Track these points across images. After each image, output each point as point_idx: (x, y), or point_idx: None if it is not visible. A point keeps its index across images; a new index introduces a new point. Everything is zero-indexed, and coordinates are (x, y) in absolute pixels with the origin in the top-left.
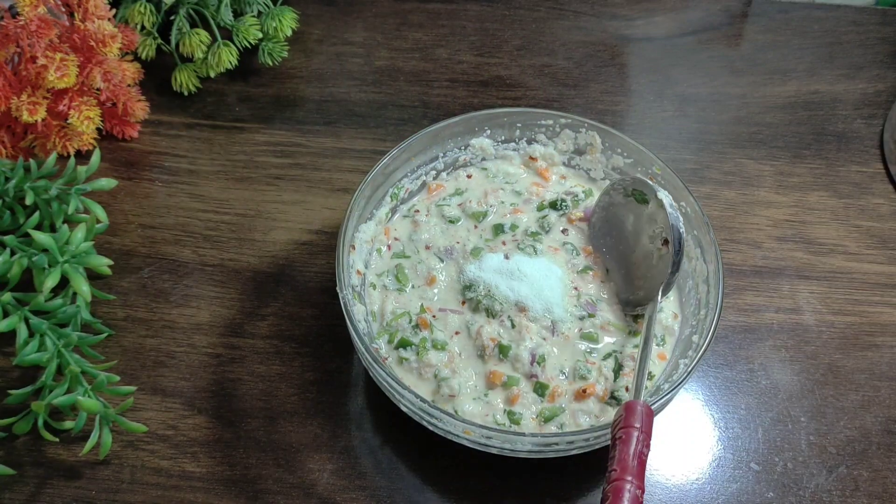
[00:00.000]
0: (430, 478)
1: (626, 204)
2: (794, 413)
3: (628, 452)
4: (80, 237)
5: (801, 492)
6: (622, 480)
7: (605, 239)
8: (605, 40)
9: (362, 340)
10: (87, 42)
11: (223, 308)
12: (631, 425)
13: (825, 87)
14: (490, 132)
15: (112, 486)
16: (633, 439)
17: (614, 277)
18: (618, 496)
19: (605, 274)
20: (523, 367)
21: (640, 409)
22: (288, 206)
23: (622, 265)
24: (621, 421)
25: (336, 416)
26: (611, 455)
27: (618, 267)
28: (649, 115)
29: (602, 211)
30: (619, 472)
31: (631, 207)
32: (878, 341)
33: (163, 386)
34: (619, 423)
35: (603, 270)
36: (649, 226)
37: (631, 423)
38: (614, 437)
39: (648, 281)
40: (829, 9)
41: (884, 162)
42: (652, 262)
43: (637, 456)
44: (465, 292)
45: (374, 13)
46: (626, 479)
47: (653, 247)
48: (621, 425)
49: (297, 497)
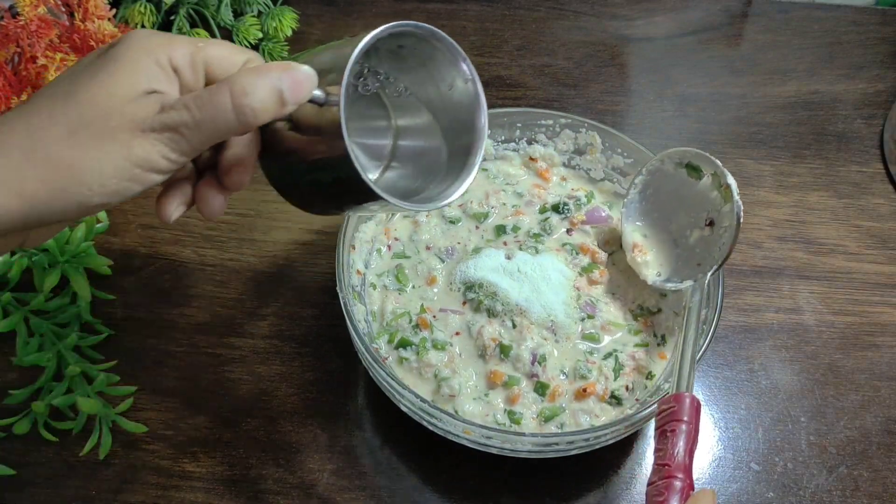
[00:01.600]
0: (430, 478)
1: (675, 174)
2: (794, 413)
3: (679, 448)
4: (80, 237)
5: (801, 492)
6: (674, 478)
7: (645, 204)
8: (605, 40)
9: (362, 340)
10: (87, 42)
11: (223, 308)
12: (680, 419)
13: (825, 87)
14: (490, 132)
15: (112, 486)
16: (684, 434)
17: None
18: (671, 493)
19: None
20: (524, 367)
21: (688, 401)
22: (288, 206)
23: (658, 234)
24: (670, 413)
25: (336, 416)
26: (658, 447)
27: (654, 236)
28: (649, 115)
29: (648, 175)
30: (671, 469)
31: (680, 178)
32: (878, 341)
33: (163, 386)
34: (668, 415)
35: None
36: (697, 202)
37: (680, 417)
38: (662, 428)
39: (684, 258)
40: (829, 9)
41: (884, 162)
42: (689, 240)
43: (688, 453)
44: (466, 293)
45: (374, 13)
46: (678, 476)
47: (693, 223)
48: (670, 418)
49: (297, 497)
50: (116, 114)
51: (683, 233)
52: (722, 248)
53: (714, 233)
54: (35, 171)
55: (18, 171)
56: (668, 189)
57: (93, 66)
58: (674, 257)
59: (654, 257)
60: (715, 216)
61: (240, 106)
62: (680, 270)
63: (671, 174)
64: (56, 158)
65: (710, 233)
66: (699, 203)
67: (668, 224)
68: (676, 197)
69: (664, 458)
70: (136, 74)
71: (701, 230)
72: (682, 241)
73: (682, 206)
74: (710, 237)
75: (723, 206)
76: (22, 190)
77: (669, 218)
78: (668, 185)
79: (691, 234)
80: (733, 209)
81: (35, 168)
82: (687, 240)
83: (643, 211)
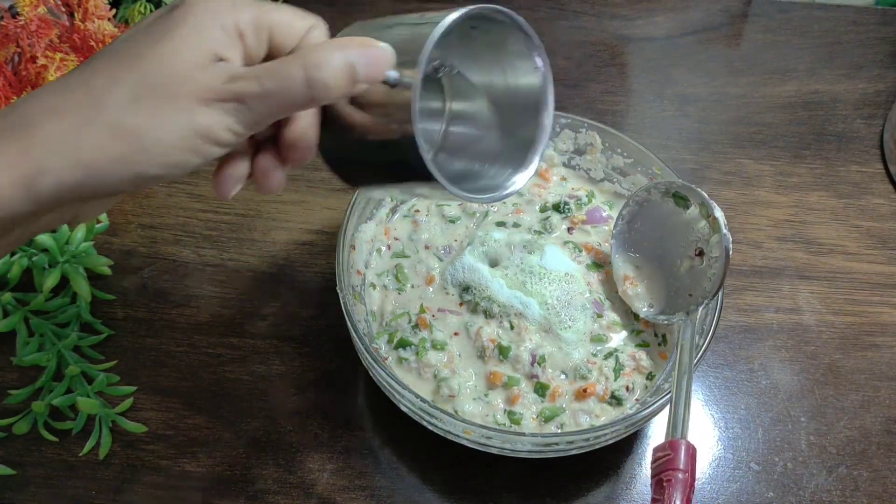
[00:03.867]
0: (430, 478)
1: (662, 203)
2: (794, 413)
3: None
4: (80, 237)
5: (801, 492)
6: None
7: (634, 235)
8: (605, 40)
9: (362, 340)
10: (87, 42)
11: (223, 308)
12: (677, 468)
13: (825, 87)
14: None
15: (112, 486)
16: (680, 485)
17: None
18: None
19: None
20: (524, 368)
21: (683, 448)
22: (288, 206)
23: (649, 266)
24: (665, 462)
25: (336, 416)
26: (655, 497)
27: (647, 267)
28: (649, 115)
29: (635, 206)
30: None
31: (668, 208)
32: (878, 341)
33: (163, 386)
34: (664, 464)
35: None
36: (685, 232)
37: (677, 466)
38: (659, 477)
39: (676, 289)
40: (829, 9)
41: (884, 162)
42: (679, 271)
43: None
44: (462, 294)
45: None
46: None
47: (683, 254)
48: (666, 467)
49: (297, 497)
50: (183, 80)
51: (674, 263)
52: (713, 279)
53: (704, 263)
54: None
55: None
56: (656, 219)
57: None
58: (665, 288)
59: (646, 289)
60: (704, 246)
61: (312, 80)
62: (672, 302)
63: (658, 204)
64: (117, 124)
65: (701, 263)
66: (688, 233)
67: (658, 254)
68: (665, 227)
69: None
70: (204, 39)
71: (691, 260)
72: (674, 272)
73: (671, 237)
74: (701, 268)
75: (711, 237)
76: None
77: (659, 248)
78: (656, 215)
79: (682, 265)
80: (721, 241)
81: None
82: (678, 270)
83: (632, 242)
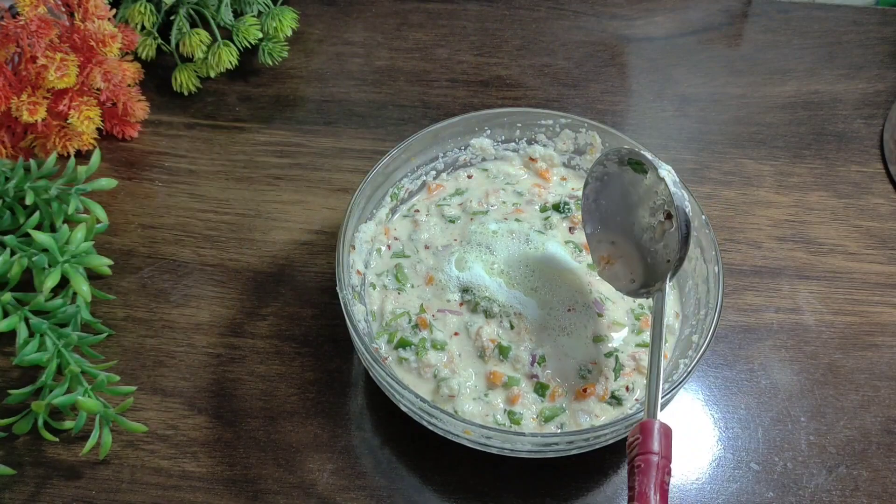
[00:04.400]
0: (430, 478)
1: (621, 174)
2: (794, 413)
3: (649, 484)
4: (80, 237)
5: (801, 492)
6: None
7: (602, 212)
8: (605, 40)
9: (362, 340)
10: (87, 42)
11: (223, 308)
12: (649, 451)
13: (825, 87)
14: (490, 132)
15: (112, 486)
16: (653, 468)
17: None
18: None
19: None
20: (524, 368)
21: (657, 430)
22: (288, 206)
23: (623, 239)
24: (638, 445)
25: (336, 416)
26: (629, 484)
27: (618, 242)
28: (649, 115)
29: (596, 182)
30: None
31: (628, 176)
32: (878, 341)
33: (163, 386)
34: (636, 448)
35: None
36: (649, 197)
37: (649, 449)
38: (632, 463)
39: (654, 257)
40: (829, 9)
41: (884, 162)
42: (654, 237)
43: (659, 487)
44: (462, 294)
45: (374, 13)
46: None
47: (654, 220)
48: (638, 451)
49: (297, 497)
50: None
51: (646, 232)
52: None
53: (674, 225)
54: None
55: None
56: (620, 190)
57: None
58: (643, 260)
59: (625, 265)
60: (671, 208)
61: None
62: (652, 272)
63: (618, 174)
64: None
65: (671, 226)
66: (653, 198)
67: (630, 226)
68: (631, 197)
69: (635, 498)
70: None
71: (662, 224)
72: (649, 241)
73: (639, 205)
74: (672, 231)
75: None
76: None
77: (631, 220)
78: (619, 187)
79: (655, 232)
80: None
81: None
82: (653, 238)
83: (602, 219)
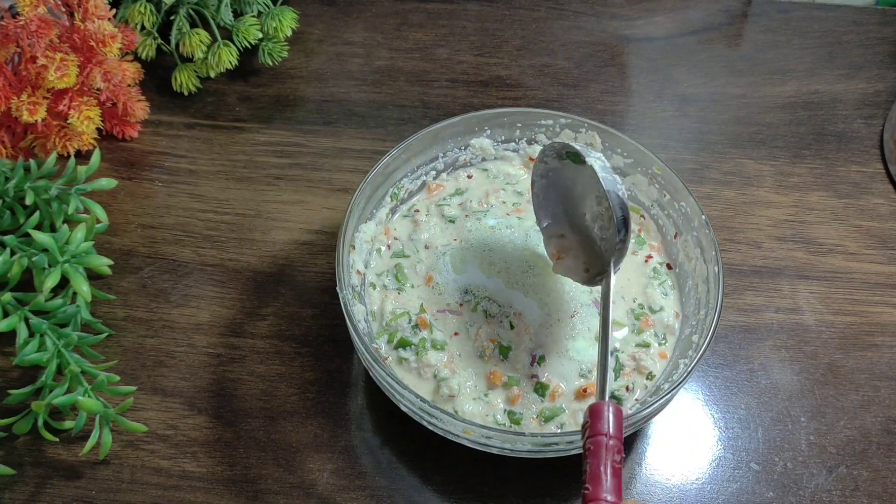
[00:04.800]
0: (430, 478)
1: (563, 167)
2: (794, 413)
3: (599, 465)
4: (80, 237)
5: (801, 492)
6: (598, 500)
7: (552, 207)
8: (605, 40)
9: (362, 340)
10: (87, 42)
11: (223, 308)
12: (598, 432)
13: (825, 87)
14: (490, 132)
15: (112, 486)
16: (603, 449)
17: (568, 246)
18: None
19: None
20: (524, 368)
21: (606, 411)
22: (288, 206)
23: (575, 231)
24: (588, 428)
25: (336, 416)
26: (583, 468)
27: (570, 234)
28: (649, 115)
29: (541, 179)
30: (593, 491)
31: (570, 169)
32: (878, 341)
33: (163, 386)
34: (586, 431)
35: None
36: (593, 186)
37: (598, 430)
38: (585, 447)
39: (603, 244)
40: (829, 9)
41: (884, 162)
42: (604, 224)
43: (610, 467)
44: (463, 294)
45: (374, 13)
46: (602, 497)
47: (601, 208)
48: (589, 434)
49: (297, 497)
50: None
51: (594, 221)
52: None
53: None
54: None
55: None
56: (565, 184)
57: None
58: (594, 249)
59: (576, 256)
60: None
61: None
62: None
63: (560, 168)
64: None
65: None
66: (595, 185)
67: (580, 218)
68: (576, 188)
69: (587, 481)
70: None
71: (608, 211)
72: (601, 229)
73: (584, 196)
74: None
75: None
76: None
77: (582, 211)
78: (564, 180)
79: (604, 219)
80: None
81: None
82: (604, 226)
83: (553, 215)
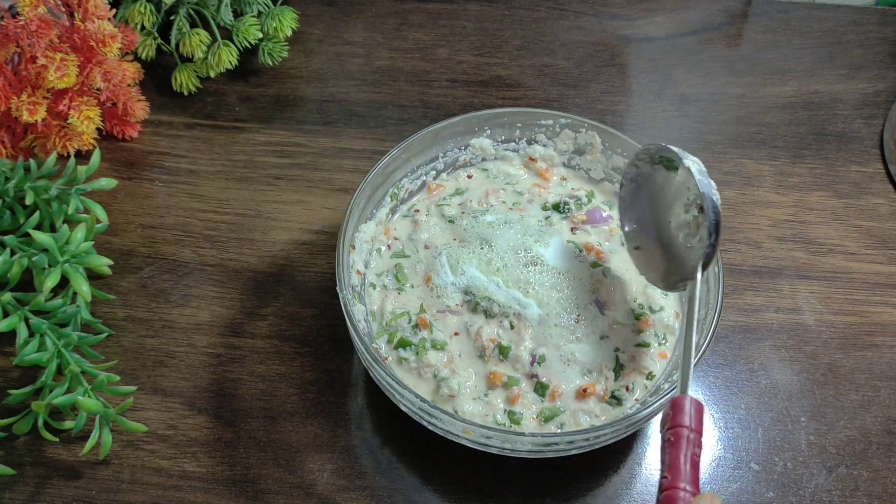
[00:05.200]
0: (430, 478)
1: (654, 172)
2: (794, 413)
3: (679, 456)
4: (80, 237)
5: (801, 492)
6: (675, 489)
7: (638, 212)
8: (605, 40)
9: (362, 340)
10: (87, 42)
11: (223, 308)
12: (680, 424)
13: (825, 87)
14: (490, 132)
15: (112, 486)
16: (684, 440)
17: (651, 252)
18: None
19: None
20: (524, 368)
21: (689, 405)
22: (288, 206)
23: (659, 238)
24: (669, 420)
25: (336, 416)
26: (662, 458)
27: (654, 240)
28: (649, 115)
29: (630, 183)
30: (671, 480)
31: (660, 175)
32: (878, 341)
33: (163, 386)
34: (668, 423)
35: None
36: (683, 193)
37: (680, 422)
38: (664, 438)
39: (690, 253)
40: (829, 9)
41: (884, 162)
42: (690, 232)
43: (689, 459)
44: (463, 294)
45: (374, 13)
46: (680, 486)
47: (688, 216)
48: (670, 425)
49: (297, 497)
50: None
51: (685, 229)
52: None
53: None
54: None
55: None
56: (654, 189)
57: None
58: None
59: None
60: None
61: None
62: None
63: (651, 174)
64: None
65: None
66: (685, 193)
67: (667, 227)
68: (664, 195)
69: (666, 470)
70: None
71: (696, 218)
72: (686, 237)
73: (673, 203)
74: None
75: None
76: None
77: (668, 218)
78: (653, 186)
79: (692, 227)
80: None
81: None
82: (689, 234)
83: (638, 219)
